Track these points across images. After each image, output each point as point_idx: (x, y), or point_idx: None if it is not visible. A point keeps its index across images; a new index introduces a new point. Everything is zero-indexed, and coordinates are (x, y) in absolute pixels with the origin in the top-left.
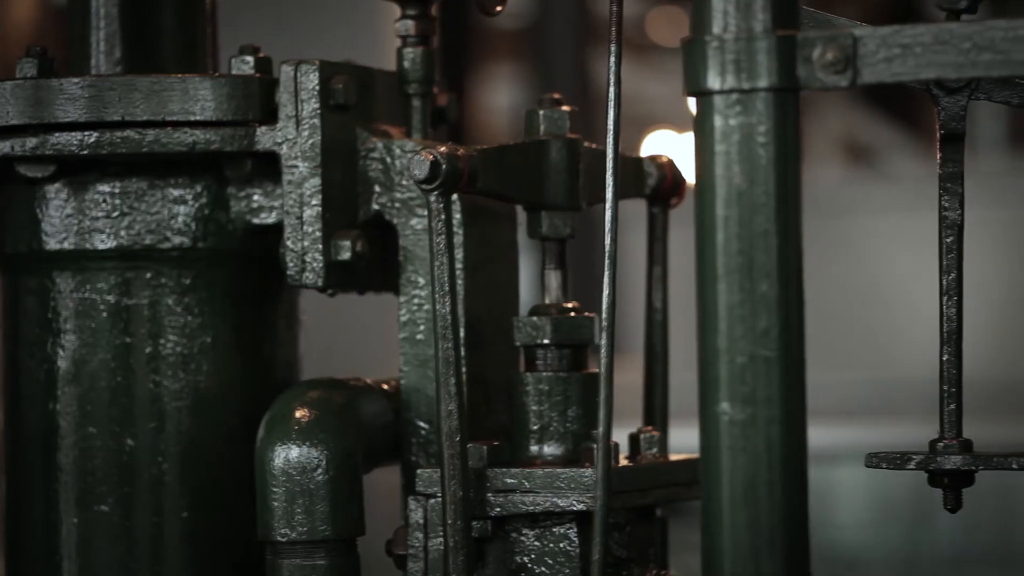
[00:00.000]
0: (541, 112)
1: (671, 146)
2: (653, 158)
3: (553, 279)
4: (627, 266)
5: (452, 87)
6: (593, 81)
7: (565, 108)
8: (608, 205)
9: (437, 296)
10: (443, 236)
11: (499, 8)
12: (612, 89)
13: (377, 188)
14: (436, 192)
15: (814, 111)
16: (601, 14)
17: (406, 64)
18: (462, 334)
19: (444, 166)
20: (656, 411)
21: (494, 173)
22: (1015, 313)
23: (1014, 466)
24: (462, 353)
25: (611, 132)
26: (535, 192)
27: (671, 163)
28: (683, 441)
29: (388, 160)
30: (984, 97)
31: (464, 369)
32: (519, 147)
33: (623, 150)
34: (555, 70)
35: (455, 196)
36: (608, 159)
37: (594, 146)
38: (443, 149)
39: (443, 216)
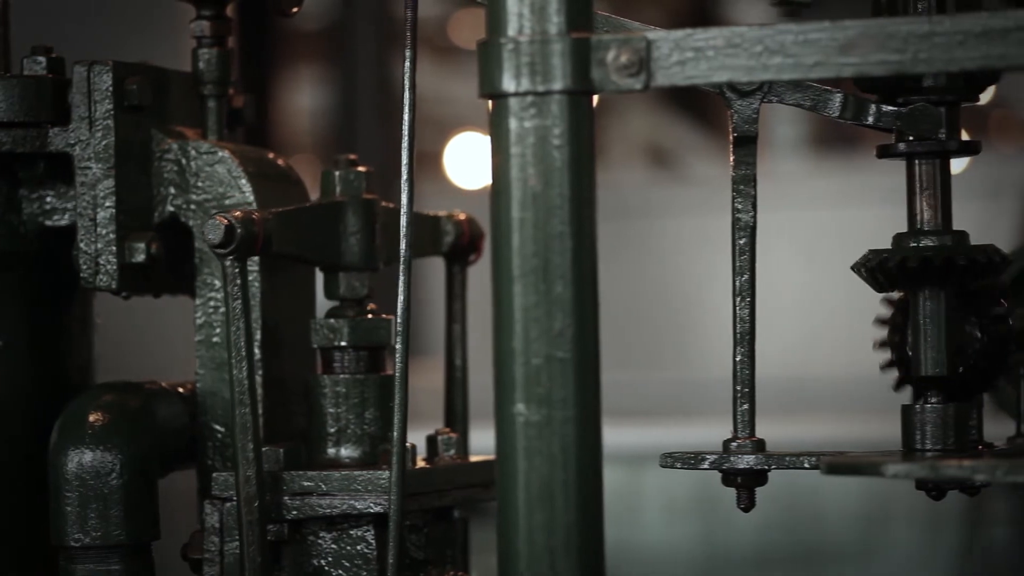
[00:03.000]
0: (337, 173)
1: (476, 148)
2: (450, 216)
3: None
4: (427, 268)
5: (254, 88)
6: (396, 82)
7: (361, 169)
8: (403, 211)
9: (234, 361)
10: (239, 301)
11: (295, 9)
12: (408, 94)
13: (172, 190)
14: (231, 257)
15: (616, 114)
16: (402, 16)
17: (201, 65)
18: (256, 352)
19: (239, 231)
20: (457, 415)
21: (290, 236)
22: (814, 313)
23: (806, 465)
24: (256, 372)
25: (406, 136)
26: (332, 254)
27: (469, 220)
28: (484, 442)
29: (183, 162)
30: (776, 100)
31: (261, 373)
32: (314, 209)
33: (418, 159)
34: (357, 71)
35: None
36: (403, 164)
37: (391, 205)
38: (238, 213)
39: (239, 281)
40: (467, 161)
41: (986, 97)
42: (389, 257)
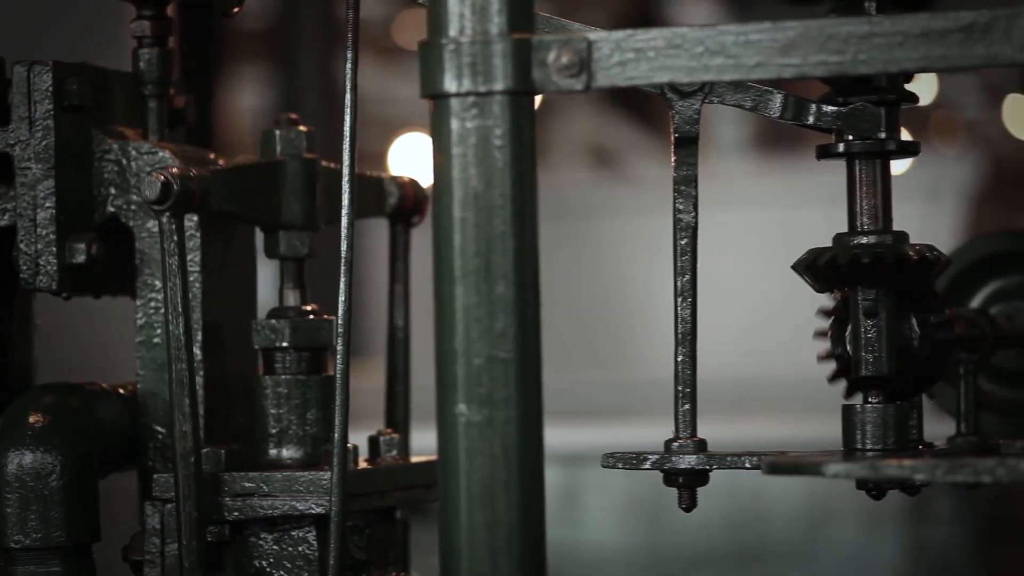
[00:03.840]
0: (278, 132)
1: (421, 148)
2: (394, 178)
3: (291, 298)
4: (369, 268)
5: (197, 88)
6: (339, 82)
7: (302, 128)
8: (344, 212)
9: (170, 317)
10: (175, 257)
11: (236, 9)
12: (349, 95)
13: (113, 190)
14: (168, 213)
15: (559, 114)
16: (345, 16)
17: (142, 65)
18: (197, 352)
19: (176, 187)
20: (398, 418)
21: (229, 193)
22: (757, 314)
23: (747, 465)
24: (196, 372)
25: (347, 137)
26: (272, 212)
27: (412, 182)
28: (426, 443)
29: (124, 162)
30: (717, 100)
31: (203, 373)
32: (255, 167)
33: (366, 168)
34: (301, 71)
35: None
36: (344, 165)
37: (332, 165)
38: (175, 170)
39: (175, 237)
40: (411, 161)
41: (927, 98)
42: (330, 217)
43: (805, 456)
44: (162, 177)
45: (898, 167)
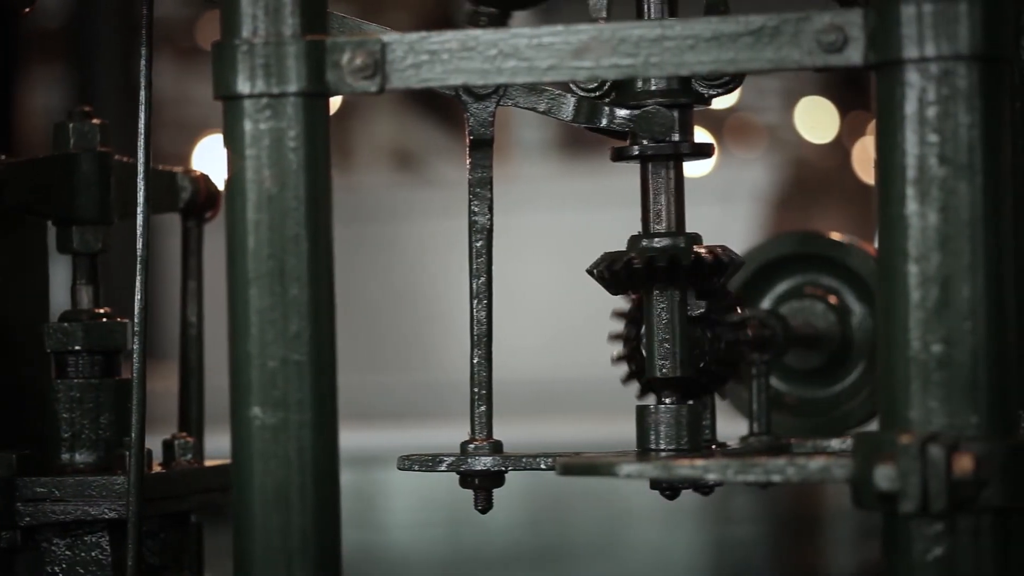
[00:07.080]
0: (71, 125)
1: (224, 151)
2: (187, 171)
3: (84, 294)
4: (165, 271)
5: None
6: (138, 80)
7: (95, 121)
8: (140, 209)
9: None
10: None
11: (27, 9)
12: (143, 93)
13: None
14: None
15: (361, 117)
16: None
17: None
18: None
19: None
20: (192, 420)
21: (23, 187)
22: (559, 316)
23: (542, 466)
24: None
25: (142, 135)
26: (65, 206)
27: (205, 177)
28: (221, 446)
29: None
30: (511, 103)
31: None
32: (48, 160)
33: (163, 161)
34: (99, 70)
35: None
36: (139, 163)
37: (126, 159)
38: None
39: None
40: (216, 163)
41: (728, 101)
42: (124, 211)
43: (599, 457)
44: None
45: (698, 170)
